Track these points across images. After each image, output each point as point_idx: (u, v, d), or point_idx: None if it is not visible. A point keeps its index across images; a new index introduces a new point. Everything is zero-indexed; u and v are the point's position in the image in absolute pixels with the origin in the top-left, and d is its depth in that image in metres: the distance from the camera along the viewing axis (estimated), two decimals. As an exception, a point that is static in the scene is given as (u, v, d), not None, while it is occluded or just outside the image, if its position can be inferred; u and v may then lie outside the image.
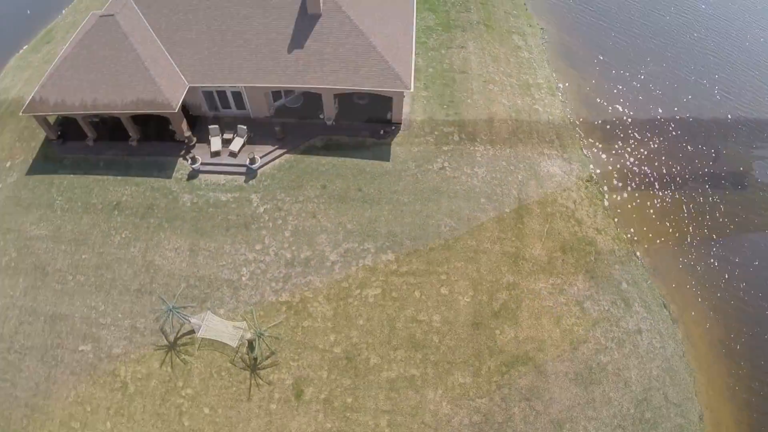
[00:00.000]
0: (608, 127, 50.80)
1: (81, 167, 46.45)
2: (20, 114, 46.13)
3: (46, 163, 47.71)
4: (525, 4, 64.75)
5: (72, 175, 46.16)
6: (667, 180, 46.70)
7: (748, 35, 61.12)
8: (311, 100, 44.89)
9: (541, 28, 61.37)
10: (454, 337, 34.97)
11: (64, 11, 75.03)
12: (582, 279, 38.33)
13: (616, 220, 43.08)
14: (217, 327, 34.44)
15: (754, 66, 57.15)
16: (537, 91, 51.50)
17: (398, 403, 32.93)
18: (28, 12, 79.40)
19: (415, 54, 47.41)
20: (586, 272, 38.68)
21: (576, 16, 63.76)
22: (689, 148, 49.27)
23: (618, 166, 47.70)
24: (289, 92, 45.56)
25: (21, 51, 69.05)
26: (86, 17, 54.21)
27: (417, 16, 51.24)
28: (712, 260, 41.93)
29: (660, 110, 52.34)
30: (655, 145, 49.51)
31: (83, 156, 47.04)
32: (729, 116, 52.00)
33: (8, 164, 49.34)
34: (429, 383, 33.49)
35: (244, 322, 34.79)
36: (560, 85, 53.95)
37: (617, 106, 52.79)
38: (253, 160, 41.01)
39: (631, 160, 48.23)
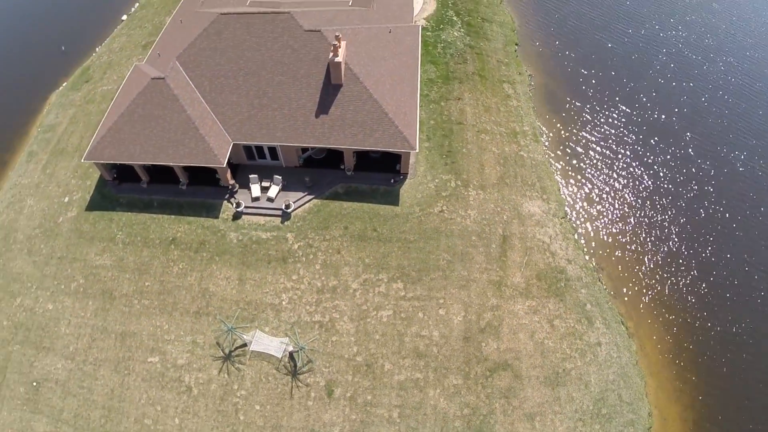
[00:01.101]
0: (583, 168, 62.31)
1: (137, 206, 57.64)
2: (82, 161, 57.39)
3: (103, 200, 58.82)
4: (516, 51, 76.04)
5: (129, 213, 57.26)
6: (629, 217, 58.07)
7: (717, 91, 73.01)
8: (333, 152, 56.63)
9: (529, 75, 72.74)
10: (449, 348, 46.51)
11: (97, 49, 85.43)
12: (553, 301, 50.30)
13: (584, 251, 55.16)
14: (265, 342, 46.87)
15: (719, 127, 68.95)
16: (523, 138, 63.38)
17: (406, 399, 44.37)
18: (63, 48, 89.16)
19: (419, 107, 58.71)
20: (556, 296, 50.65)
21: (559, 62, 75.24)
22: (650, 186, 60.79)
23: (588, 204, 59.09)
24: (315, 145, 58.03)
25: (61, 88, 79.84)
26: (127, 64, 65.97)
27: (420, 68, 62.24)
28: (664, 284, 53.28)
29: (628, 152, 64.02)
30: (621, 185, 61.09)
31: (138, 196, 58.11)
32: (691, 152, 63.72)
33: (66, 199, 60.59)
34: (430, 384, 44.96)
35: (287, 337, 47.19)
36: (543, 130, 65.64)
37: (591, 148, 64.40)
38: (288, 206, 53.28)
39: (600, 199, 59.60)
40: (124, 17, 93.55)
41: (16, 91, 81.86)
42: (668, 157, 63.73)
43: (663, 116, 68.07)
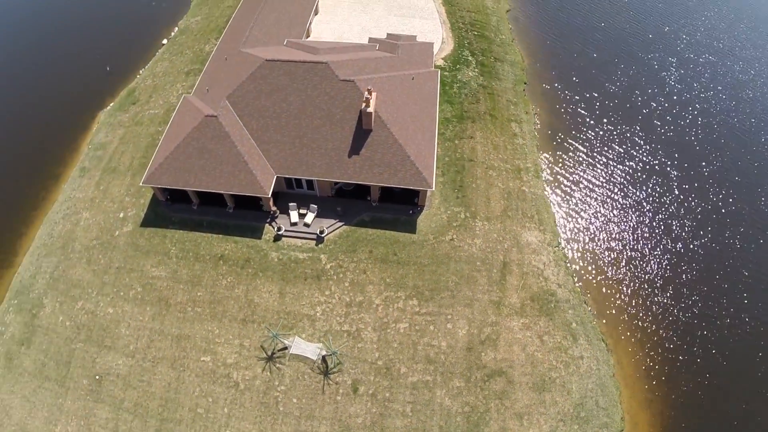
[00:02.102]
0: (577, 203, 74.39)
1: (188, 225, 69.74)
2: (140, 184, 68.93)
3: (157, 218, 70.79)
4: (524, 90, 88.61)
5: (181, 231, 69.27)
6: (614, 248, 70.03)
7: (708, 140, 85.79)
8: (361, 185, 68.40)
9: (535, 114, 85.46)
10: (454, 357, 58.53)
11: (141, 72, 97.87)
12: (543, 320, 62.64)
13: (573, 277, 67.67)
14: (302, 346, 59.73)
15: (702, 167, 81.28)
16: (525, 174, 75.80)
17: (417, 397, 56.29)
18: (108, 68, 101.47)
19: (436, 144, 70.32)
20: (546, 315, 62.98)
21: (562, 101, 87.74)
22: (634, 222, 72.93)
23: (580, 235, 71.00)
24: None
25: (108, 107, 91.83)
26: (171, 90, 76.18)
27: (438, 107, 74.11)
28: (640, 309, 65.29)
29: (617, 190, 76.16)
30: (609, 220, 73.08)
31: (189, 216, 70.22)
32: (676, 190, 75.67)
33: (121, 215, 72.57)
34: (437, 385, 56.92)
35: (321, 343, 60.25)
36: (544, 166, 77.69)
37: (585, 184, 76.54)
38: (322, 231, 65.96)
39: (590, 231, 71.60)
40: (165, 41, 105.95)
41: (66, 108, 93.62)
42: (654, 196, 75.89)
43: (651, 158, 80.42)
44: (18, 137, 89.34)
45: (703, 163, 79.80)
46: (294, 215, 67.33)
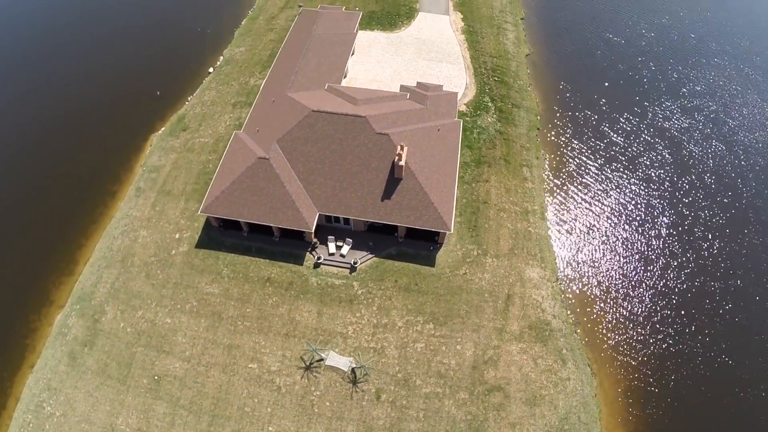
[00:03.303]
0: (575, 243, 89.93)
1: (238, 249, 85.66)
2: (198, 213, 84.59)
3: (210, 241, 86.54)
4: (536, 136, 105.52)
5: (232, 254, 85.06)
6: (604, 285, 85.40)
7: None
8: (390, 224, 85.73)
9: (545, 159, 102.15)
10: (461, 373, 74.02)
11: (189, 98, 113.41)
12: (538, 345, 78.43)
13: (567, 309, 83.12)
14: (336, 359, 76.33)
15: (691, 214, 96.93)
16: (532, 216, 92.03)
17: (429, 405, 71.87)
18: (158, 93, 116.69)
19: (456, 189, 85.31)
20: (541, 341, 78.83)
21: (570, 148, 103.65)
22: (624, 263, 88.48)
23: (576, 273, 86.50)
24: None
25: (160, 131, 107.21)
26: (220, 120, 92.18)
27: (459, 154, 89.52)
28: (624, 338, 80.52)
29: (610, 234, 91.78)
30: (602, 261, 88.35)
31: (239, 242, 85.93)
32: (664, 233, 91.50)
33: (177, 236, 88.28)
34: (446, 396, 72.58)
35: (352, 357, 77.64)
36: (550, 207, 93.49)
37: (583, 226, 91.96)
38: (355, 262, 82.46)
39: (585, 269, 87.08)
40: (211, 70, 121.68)
41: (120, 129, 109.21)
42: (642, 241, 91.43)
43: (644, 206, 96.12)
44: (77, 154, 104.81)
45: (691, 214, 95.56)
46: (332, 247, 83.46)
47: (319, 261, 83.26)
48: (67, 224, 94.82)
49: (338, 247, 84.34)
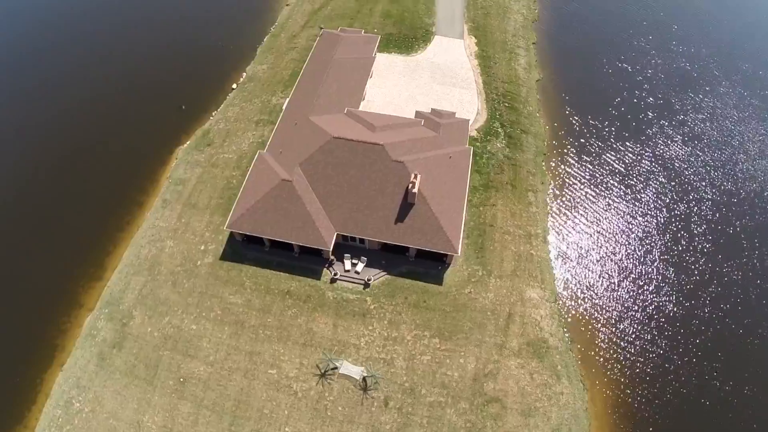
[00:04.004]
0: (574, 267, 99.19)
1: (260, 263, 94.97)
2: (224, 228, 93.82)
3: (233, 254, 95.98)
4: (543, 162, 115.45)
5: (255, 267, 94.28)
6: (599, 307, 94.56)
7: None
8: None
9: (550, 184, 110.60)
10: (463, 385, 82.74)
11: (214, 114, 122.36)
12: (535, 361, 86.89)
13: (564, 328, 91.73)
14: (349, 368, 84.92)
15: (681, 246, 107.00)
16: (535, 239, 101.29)
17: (432, 413, 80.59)
18: (183, 107, 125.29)
19: (464, 213, 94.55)
20: (538, 358, 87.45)
21: (573, 176, 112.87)
22: (618, 286, 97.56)
23: (573, 295, 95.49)
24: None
25: (185, 145, 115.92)
26: (243, 137, 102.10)
27: (469, 179, 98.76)
28: (615, 359, 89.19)
29: (607, 259, 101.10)
30: (598, 283, 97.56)
31: (261, 256, 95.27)
32: (657, 262, 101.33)
33: (202, 248, 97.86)
34: (448, 405, 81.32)
35: (363, 367, 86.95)
36: (552, 231, 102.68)
37: (581, 250, 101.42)
38: (369, 279, 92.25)
39: (582, 291, 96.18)
40: (234, 86, 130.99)
41: (146, 142, 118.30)
42: (636, 265, 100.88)
43: (640, 234, 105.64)
44: (106, 165, 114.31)
45: (685, 240, 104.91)
46: (348, 264, 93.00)
47: (335, 277, 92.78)
48: (96, 232, 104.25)
49: (353, 265, 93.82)
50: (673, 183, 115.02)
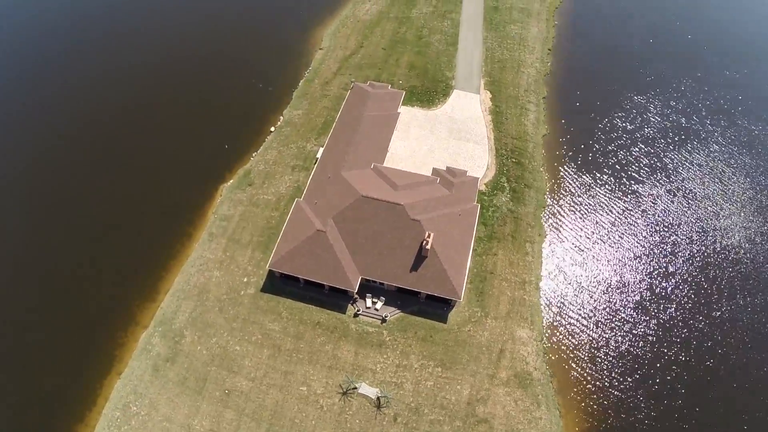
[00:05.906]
0: (560, 311, 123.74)
1: (295, 296, 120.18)
2: (267, 267, 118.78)
3: (272, 287, 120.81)
4: (541, 216, 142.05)
5: (290, 300, 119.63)
6: (578, 345, 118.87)
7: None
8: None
9: (546, 236, 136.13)
10: (458, 407, 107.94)
11: (254, 155, 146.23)
12: (520, 390, 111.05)
13: (546, 364, 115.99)
14: (366, 389, 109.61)
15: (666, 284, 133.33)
16: (528, 285, 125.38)
17: (432, 428, 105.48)
18: (226, 146, 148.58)
19: (469, 263, 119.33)
20: (523, 388, 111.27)
21: (568, 227, 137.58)
22: (596, 329, 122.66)
23: (557, 335, 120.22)
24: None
25: (228, 183, 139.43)
26: (281, 180, 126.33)
27: (475, 231, 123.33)
28: (588, 391, 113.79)
29: (588, 307, 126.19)
30: (578, 325, 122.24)
31: (296, 291, 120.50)
32: (630, 308, 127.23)
33: (245, 279, 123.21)
34: (445, 423, 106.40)
35: (378, 388, 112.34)
36: (543, 279, 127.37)
37: (567, 298, 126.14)
38: (386, 316, 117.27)
39: (565, 332, 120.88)
40: (272, 129, 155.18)
41: (193, 178, 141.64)
42: (612, 313, 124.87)
43: (622, 283, 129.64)
44: (157, 198, 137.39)
45: (661, 292, 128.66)
46: (369, 302, 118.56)
47: (358, 312, 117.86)
48: (150, 258, 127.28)
49: (374, 303, 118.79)
50: (657, 238, 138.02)
